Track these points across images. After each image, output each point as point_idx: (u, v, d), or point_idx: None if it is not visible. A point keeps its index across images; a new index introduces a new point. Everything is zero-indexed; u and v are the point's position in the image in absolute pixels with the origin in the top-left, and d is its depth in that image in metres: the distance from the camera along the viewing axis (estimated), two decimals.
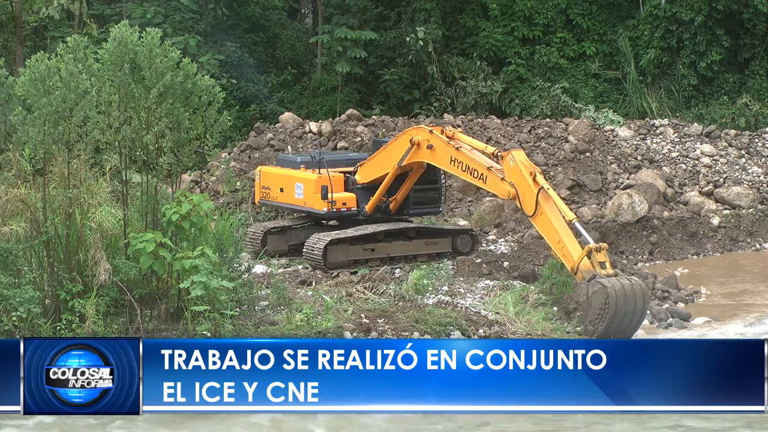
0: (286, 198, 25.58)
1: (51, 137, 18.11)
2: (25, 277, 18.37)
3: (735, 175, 32.69)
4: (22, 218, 18.66)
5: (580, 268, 20.26)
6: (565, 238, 20.66)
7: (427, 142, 23.59)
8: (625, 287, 19.76)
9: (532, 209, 21.31)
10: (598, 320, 19.80)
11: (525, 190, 21.45)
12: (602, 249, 20.29)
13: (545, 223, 21.08)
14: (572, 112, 37.63)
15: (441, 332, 20.23)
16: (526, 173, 21.41)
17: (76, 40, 18.85)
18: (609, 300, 19.58)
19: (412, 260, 25.00)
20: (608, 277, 19.88)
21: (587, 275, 20.11)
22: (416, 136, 23.86)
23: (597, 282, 19.85)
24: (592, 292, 19.84)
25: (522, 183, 21.51)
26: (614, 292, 19.61)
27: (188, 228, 19.33)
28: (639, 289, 19.93)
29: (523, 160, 21.74)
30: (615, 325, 19.70)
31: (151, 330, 18.82)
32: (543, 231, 21.30)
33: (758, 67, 39.40)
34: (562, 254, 20.75)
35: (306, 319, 19.53)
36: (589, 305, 19.97)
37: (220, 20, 39.66)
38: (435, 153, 23.51)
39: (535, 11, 41.30)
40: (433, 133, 23.62)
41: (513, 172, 21.76)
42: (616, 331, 19.70)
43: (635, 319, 19.99)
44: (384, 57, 40.93)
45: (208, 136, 19.78)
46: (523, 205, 21.62)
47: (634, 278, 20.41)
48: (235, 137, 35.44)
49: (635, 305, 19.84)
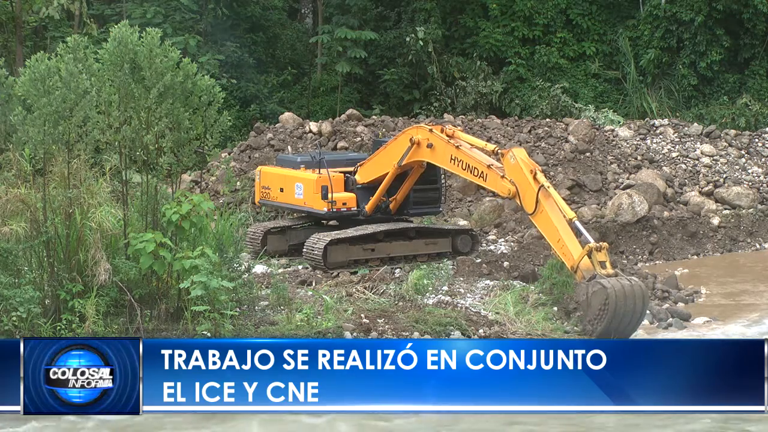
0: (286, 198, 25.58)
1: (51, 137, 18.11)
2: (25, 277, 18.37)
3: (735, 175, 32.69)
4: (22, 218, 18.66)
5: (580, 267, 20.26)
6: (565, 236, 20.66)
7: (427, 141, 23.60)
8: (625, 288, 19.74)
9: (532, 207, 21.31)
10: (597, 320, 19.78)
11: (525, 188, 21.45)
12: (603, 248, 20.27)
13: (545, 221, 21.08)
14: (572, 112, 37.62)
15: (441, 332, 20.24)
16: (527, 171, 21.41)
17: (76, 40, 18.85)
18: (609, 300, 19.57)
19: (412, 260, 25.00)
20: (608, 277, 19.86)
21: (587, 275, 20.10)
22: (416, 135, 23.86)
23: (597, 282, 19.83)
24: (592, 292, 19.83)
25: (522, 181, 21.51)
26: (614, 293, 19.59)
27: (188, 228, 19.32)
28: (639, 290, 19.92)
29: (523, 158, 21.74)
30: (614, 325, 19.68)
31: (151, 330, 18.81)
32: (543, 229, 21.30)
33: (758, 67, 39.40)
34: (562, 253, 20.74)
35: (306, 319, 19.53)
36: (588, 305, 19.95)
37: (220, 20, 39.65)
38: (435, 152, 23.51)
39: (535, 11, 41.30)
40: (433, 131, 23.63)
41: (513, 170, 21.76)
42: (615, 331, 19.67)
43: (635, 319, 19.98)
44: (384, 57, 40.93)
45: (208, 136, 19.78)
46: (524, 203, 21.62)
47: (634, 279, 20.39)
48: (235, 137, 35.44)
49: (635, 306, 19.83)
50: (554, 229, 20.84)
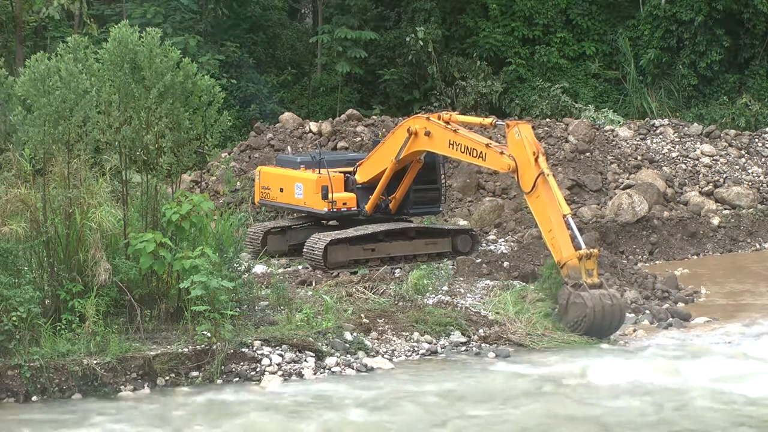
0: (286, 198, 25.57)
1: (51, 137, 18.09)
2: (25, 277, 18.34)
3: (735, 175, 32.68)
4: (22, 218, 18.64)
5: (567, 265, 20.56)
6: (558, 231, 20.87)
7: (424, 130, 23.57)
8: (605, 308, 20.28)
9: (529, 187, 21.34)
10: (572, 327, 20.45)
11: (525, 167, 21.42)
12: (593, 256, 20.53)
13: (540, 207, 21.23)
14: (572, 112, 37.64)
15: (441, 332, 20.25)
16: (529, 152, 21.36)
17: (76, 40, 18.84)
18: (586, 318, 20.21)
19: (412, 260, 24.99)
20: (592, 289, 20.26)
21: (573, 276, 20.44)
22: (413, 125, 23.84)
23: (579, 295, 20.27)
24: (572, 303, 20.38)
25: (523, 158, 21.44)
26: (593, 313, 20.16)
27: (188, 228, 19.32)
28: (618, 309, 20.46)
29: (528, 136, 21.63)
30: (589, 334, 20.32)
31: (151, 330, 18.82)
32: (536, 214, 21.48)
33: (758, 67, 39.42)
34: (551, 245, 21.02)
35: (306, 319, 19.53)
36: (566, 312, 20.52)
37: (220, 20, 39.67)
38: (433, 139, 23.49)
39: (535, 11, 41.33)
40: (430, 119, 23.66)
41: (516, 146, 21.66)
42: (588, 336, 20.31)
43: (609, 331, 20.59)
44: (384, 57, 40.95)
45: (208, 136, 19.77)
46: (522, 180, 21.58)
47: (616, 295, 20.70)
48: (235, 137, 35.44)
49: (611, 323, 20.48)
50: (547, 219, 21.02)
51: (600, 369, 18.65)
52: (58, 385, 17.17)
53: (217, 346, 18.13)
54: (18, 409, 16.73)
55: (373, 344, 19.59)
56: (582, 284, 20.32)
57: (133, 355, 17.71)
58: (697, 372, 18.55)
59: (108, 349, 17.56)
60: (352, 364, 18.78)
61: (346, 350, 19.11)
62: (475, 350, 19.93)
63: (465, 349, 20.00)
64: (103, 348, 17.61)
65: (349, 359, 18.90)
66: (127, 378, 17.55)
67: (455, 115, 24.00)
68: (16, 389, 17.04)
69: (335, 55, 39.96)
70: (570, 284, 20.43)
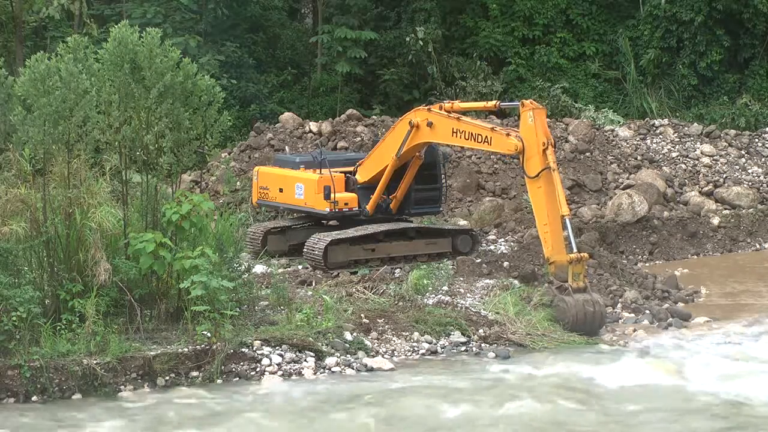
0: (285, 198, 25.51)
1: (51, 137, 18.09)
2: (25, 277, 18.35)
3: (735, 175, 32.68)
4: (22, 218, 18.64)
5: (555, 263, 20.92)
6: (552, 227, 21.07)
7: (426, 121, 23.48)
8: (586, 315, 20.64)
9: (533, 173, 21.38)
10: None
11: (533, 152, 21.41)
12: (582, 260, 20.73)
13: (539, 198, 21.35)
14: (572, 112, 37.60)
15: (441, 332, 20.25)
16: (540, 140, 21.31)
17: (76, 40, 18.83)
18: (566, 322, 20.58)
19: (412, 260, 24.99)
20: (576, 294, 20.56)
21: (559, 277, 20.82)
22: (415, 117, 23.72)
23: (563, 299, 20.64)
24: (555, 305, 20.80)
25: (532, 143, 21.41)
26: (574, 319, 20.56)
27: (188, 228, 19.32)
28: (599, 316, 20.83)
29: (541, 124, 21.53)
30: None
31: (151, 330, 18.82)
32: (534, 202, 21.66)
33: (758, 67, 39.40)
34: (543, 238, 21.24)
35: (306, 319, 19.53)
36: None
37: (220, 20, 39.63)
38: (435, 129, 23.40)
39: (535, 11, 41.30)
40: (432, 110, 23.62)
41: (528, 130, 21.55)
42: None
43: (589, 335, 20.73)
44: (384, 57, 40.92)
45: (208, 136, 19.77)
46: (527, 164, 21.54)
47: (598, 301, 20.93)
48: (235, 137, 35.41)
49: (591, 328, 20.78)
50: (544, 213, 21.20)
51: (600, 369, 18.66)
52: (58, 385, 17.18)
53: (217, 346, 18.13)
54: (18, 409, 16.73)
55: (373, 344, 19.60)
56: (567, 288, 20.63)
57: (133, 355, 17.72)
58: (697, 372, 18.56)
59: (108, 349, 17.57)
60: (352, 364, 18.79)
61: (346, 350, 19.12)
62: (475, 350, 19.94)
63: (465, 349, 20.01)
64: (103, 348, 17.62)
65: (349, 359, 18.91)
66: (127, 378, 17.56)
67: (457, 103, 24.01)
68: (16, 389, 17.05)
69: (335, 55, 39.94)
70: (555, 286, 20.83)
